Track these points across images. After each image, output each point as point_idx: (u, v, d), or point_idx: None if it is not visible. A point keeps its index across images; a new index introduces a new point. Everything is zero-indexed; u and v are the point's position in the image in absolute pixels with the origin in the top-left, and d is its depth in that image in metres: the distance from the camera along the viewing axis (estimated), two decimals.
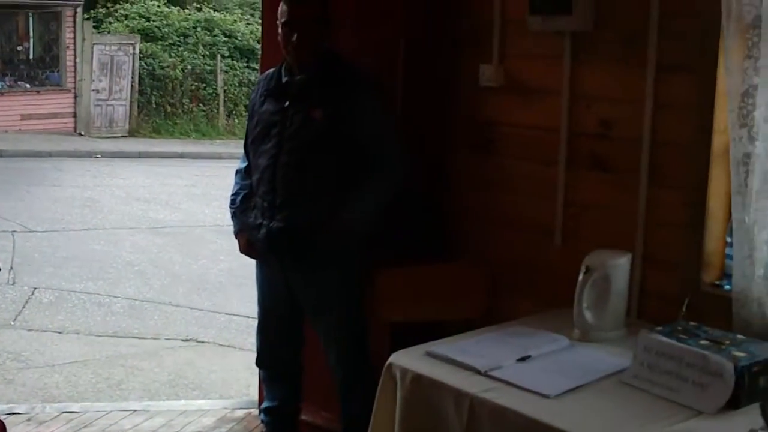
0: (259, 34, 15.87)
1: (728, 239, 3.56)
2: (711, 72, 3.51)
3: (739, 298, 3.43)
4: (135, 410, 5.44)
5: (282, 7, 4.12)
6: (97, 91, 21.79)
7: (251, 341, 4.58)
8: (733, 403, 2.88)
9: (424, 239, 4.46)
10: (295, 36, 4.05)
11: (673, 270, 3.71)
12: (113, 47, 21.88)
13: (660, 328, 3.27)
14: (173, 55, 22.62)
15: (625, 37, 3.79)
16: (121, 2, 23.98)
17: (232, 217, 4.42)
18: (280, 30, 4.12)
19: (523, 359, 3.29)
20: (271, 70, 4.32)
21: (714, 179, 3.57)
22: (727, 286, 3.56)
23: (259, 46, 13.00)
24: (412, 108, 4.42)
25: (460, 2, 4.42)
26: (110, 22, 23.47)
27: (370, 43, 4.46)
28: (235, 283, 8.93)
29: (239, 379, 6.42)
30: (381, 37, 4.46)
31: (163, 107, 22.45)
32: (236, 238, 4.41)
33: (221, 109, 22.50)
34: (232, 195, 4.42)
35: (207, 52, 22.86)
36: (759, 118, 3.34)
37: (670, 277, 3.71)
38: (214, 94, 22.61)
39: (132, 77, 21.94)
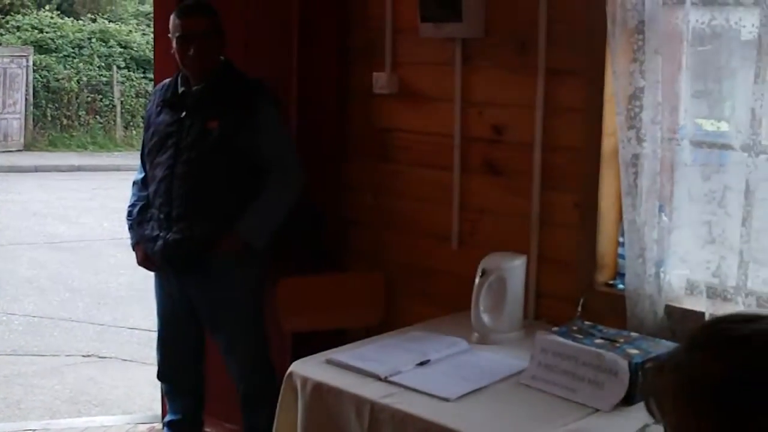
0: None
1: (620, 239, 3.63)
2: (599, 76, 3.58)
3: (632, 296, 3.51)
4: (35, 430, 5.36)
5: (174, 21, 4.09)
6: None
7: (154, 355, 4.54)
8: (628, 400, 2.94)
9: (321, 248, 4.48)
10: (192, 50, 4.04)
11: (568, 271, 3.77)
12: (5, 59, 21.42)
13: (556, 328, 3.33)
14: (68, 66, 22.24)
15: (514, 43, 3.84)
16: (12, 13, 23.53)
17: (129, 229, 4.38)
18: (174, 44, 4.10)
19: (422, 364, 3.31)
20: (167, 80, 4.30)
21: (605, 181, 3.64)
22: (621, 285, 3.63)
23: None
24: (307, 117, 4.43)
25: (353, 12, 4.44)
26: (1, 34, 23.02)
27: (263, 54, 4.47)
28: (136, 297, 8.82)
29: (143, 394, 6.34)
30: (274, 48, 4.47)
31: (59, 120, 22.06)
32: (134, 250, 4.37)
33: (118, 120, 22.19)
34: (129, 206, 4.38)
35: (102, 64, 22.52)
36: (646, 119, 3.42)
37: (566, 277, 3.78)
38: (110, 106, 22.29)
39: (26, 90, 21.50)
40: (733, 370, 1.44)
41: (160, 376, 4.58)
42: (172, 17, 4.11)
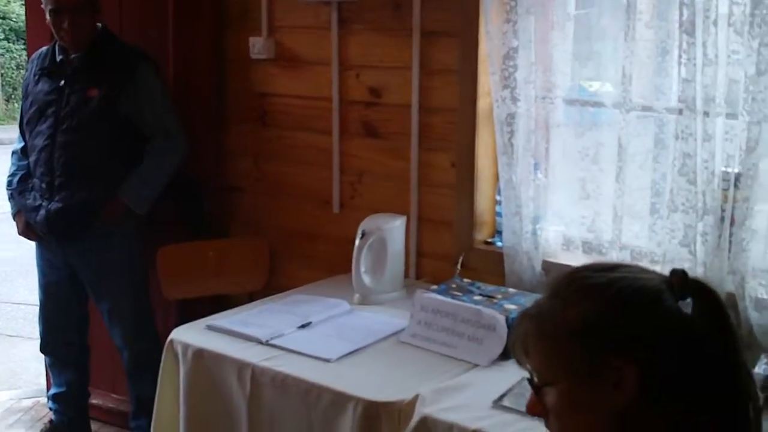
0: None
1: (498, 198, 3.67)
2: (473, 36, 3.61)
3: (509, 253, 3.57)
4: None
5: None
6: None
7: None
8: (506, 355, 2.98)
9: (203, 215, 4.45)
10: (66, 23, 3.97)
11: (447, 230, 3.82)
12: None
13: (435, 286, 3.37)
14: None
15: (389, 4, 3.85)
16: None
17: (9, 199, 4.30)
18: (48, 16, 4.02)
19: (303, 326, 3.33)
20: (44, 48, 4.22)
21: (481, 141, 3.68)
22: (499, 243, 3.68)
23: None
24: (184, 84, 4.38)
25: None
26: None
27: (138, 21, 4.41)
28: (20, 272, 8.64)
29: (28, 369, 6.23)
30: (150, 15, 4.41)
31: None
32: (14, 220, 4.30)
33: None
34: (8, 176, 4.30)
35: None
36: (520, 79, 3.47)
37: (445, 237, 3.82)
38: None
39: None
40: (591, 315, 1.50)
41: (43, 348, 4.51)
42: None
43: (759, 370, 2.78)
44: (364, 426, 2.76)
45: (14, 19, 22.57)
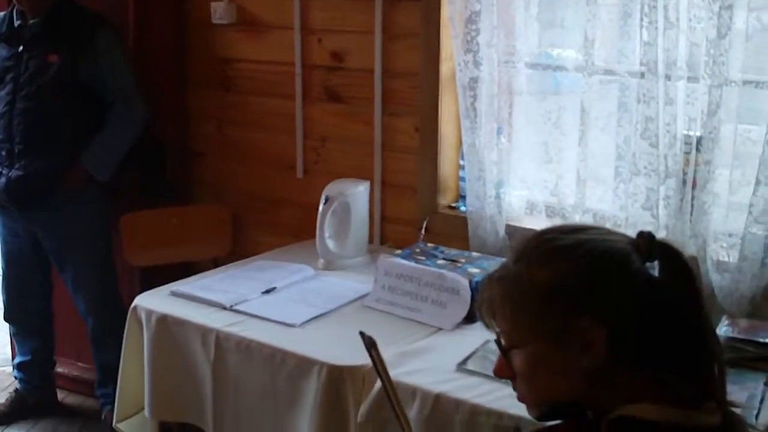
0: None
1: (461, 162, 3.67)
2: (435, 1, 3.59)
3: (473, 217, 3.57)
4: None
5: None
6: None
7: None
8: (470, 318, 3.00)
9: (165, 181, 4.43)
10: None
11: (411, 195, 3.82)
12: None
13: (399, 251, 3.37)
14: None
15: None
16: None
17: None
18: None
19: (268, 292, 3.33)
20: (1, 13, 4.16)
21: (444, 105, 3.68)
22: (463, 208, 3.69)
23: None
24: (145, 49, 4.34)
25: None
26: None
27: None
28: None
29: None
30: None
31: None
32: None
33: None
34: None
35: None
36: (483, 43, 3.46)
37: (409, 201, 3.82)
38: None
39: None
40: (558, 276, 1.50)
41: (7, 316, 4.50)
42: None
43: (720, 332, 2.81)
44: (329, 390, 2.76)
45: None
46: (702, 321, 1.52)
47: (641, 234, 1.53)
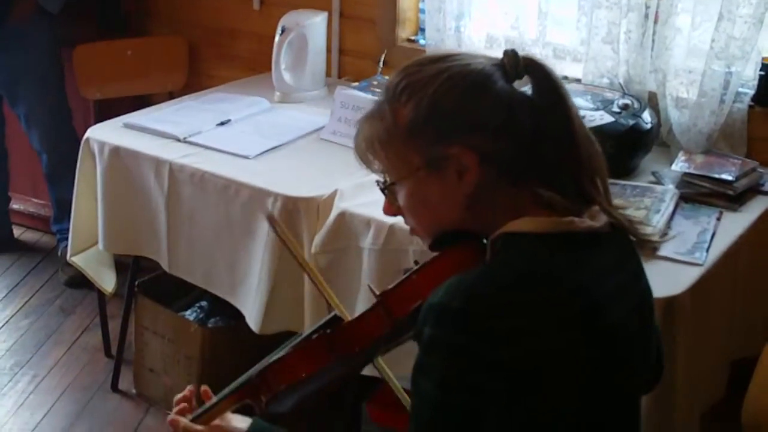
0: None
1: None
2: None
3: (432, 51, 3.50)
4: None
5: None
6: None
7: None
8: None
9: (119, 11, 4.33)
10: None
11: (370, 27, 3.74)
12: None
13: (356, 84, 3.33)
14: None
15: None
16: None
17: None
18: None
19: (222, 124, 3.28)
20: None
21: None
22: (422, 41, 3.63)
23: None
24: None
25: None
26: None
27: None
28: None
29: None
30: None
31: None
32: None
33: None
34: None
35: None
36: None
37: (368, 34, 3.75)
38: None
39: None
40: (421, 109, 1.50)
41: None
42: None
43: (676, 167, 2.81)
44: (283, 221, 2.74)
45: None
46: (573, 134, 1.52)
47: (506, 52, 1.53)
